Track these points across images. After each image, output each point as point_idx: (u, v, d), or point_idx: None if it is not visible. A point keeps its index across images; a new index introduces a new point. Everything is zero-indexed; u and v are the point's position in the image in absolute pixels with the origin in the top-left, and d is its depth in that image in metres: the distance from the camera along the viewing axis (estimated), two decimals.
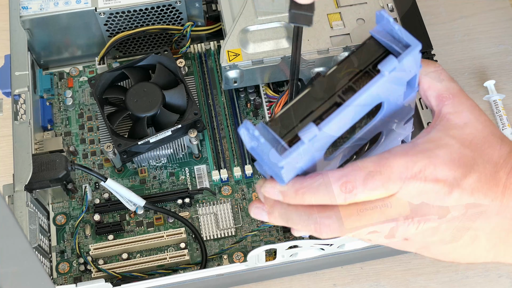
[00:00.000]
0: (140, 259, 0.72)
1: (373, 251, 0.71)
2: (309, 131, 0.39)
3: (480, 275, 0.75)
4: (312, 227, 0.42)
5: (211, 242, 0.75)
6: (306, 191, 0.42)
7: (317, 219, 0.42)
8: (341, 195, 0.41)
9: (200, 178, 0.78)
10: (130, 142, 0.73)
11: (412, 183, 0.41)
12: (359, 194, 0.41)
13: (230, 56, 0.73)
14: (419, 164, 0.41)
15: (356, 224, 0.42)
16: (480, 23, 0.92)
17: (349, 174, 0.41)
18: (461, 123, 0.43)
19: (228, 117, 0.80)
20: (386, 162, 0.41)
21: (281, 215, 0.44)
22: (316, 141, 0.40)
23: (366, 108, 0.42)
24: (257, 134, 0.40)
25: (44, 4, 0.79)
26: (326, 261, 0.72)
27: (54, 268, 0.73)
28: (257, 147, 0.41)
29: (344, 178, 0.41)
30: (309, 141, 0.39)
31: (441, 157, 0.41)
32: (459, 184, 0.41)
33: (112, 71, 0.78)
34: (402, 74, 0.42)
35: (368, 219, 0.42)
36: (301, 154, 0.40)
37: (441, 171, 0.41)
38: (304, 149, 0.40)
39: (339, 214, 0.42)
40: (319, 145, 0.41)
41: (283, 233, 0.75)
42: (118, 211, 0.76)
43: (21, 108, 0.73)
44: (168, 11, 0.81)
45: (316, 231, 0.42)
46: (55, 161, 0.71)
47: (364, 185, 0.41)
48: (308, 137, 0.39)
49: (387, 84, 0.41)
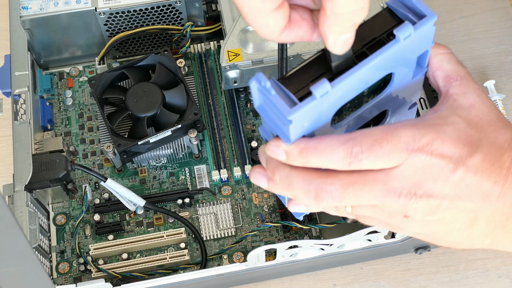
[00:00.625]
0: (140, 259, 0.72)
1: (373, 251, 0.71)
2: (322, 86, 0.39)
3: (480, 275, 0.75)
4: (312, 193, 0.42)
5: (211, 242, 0.75)
6: (311, 151, 0.41)
7: (319, 184, 0.41)
8: (346, 158, 0.40)
9: (200, 178, 0.78)
10: (130, 142, 0.73)
11: (418, 155, 0.41)
12: (364, 160, 0.40)
13: (230, 56, 0.73)
14: (427, 137, 0.41)
15: (358, 193, 0.41)
16: (480, 23, 0.92)
17: (356, 138, 0.41)
18: (468, 105, 0.43)
19: (228, 117, 0.80)
20: (394, 131, 0.41)
21: (282, 179, 0.43)
22: (327, 99, 0.40)
23: (378, 74, 0.42)
24: (268, 86, 0.39)
25: (44, 4, 0.79)
26: (326, 261, 0.72)
27: (54, 268, 0.73)
28: (266, 102, 0.40)
29: (350, 142, 0.40)
30: (321, 97, 0.39)
31: (448, 133, 0.41)
32: (464, 162, 0.41)
33: (112, 71, 0.78)
34: (416, 44, 0.42)
35: (370, 189, 0.41)
36: (311, 110, 0.39)
37: (448, 147, 0.41)
38: (315, 106, 0.39)
39: (341, 181, 0.41)
40: (328, 107, 0.41)
41: (283, 233, 0.75)
42: (118, 211, 0.76)
43: (21, 108, 0.73)
44: (168, 11, 0.81)
45: (317, 198, 0.42)
46: (55, 161, 0.71)
47: (370, 150, 0.40)
48: (320, 92, 0.39)
49: (400, 51, 0.41)
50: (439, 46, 0.46)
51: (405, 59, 0.43)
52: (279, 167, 0.43)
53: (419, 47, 0.43)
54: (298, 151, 0.41)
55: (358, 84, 0.41)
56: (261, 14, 0.38)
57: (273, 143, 0.42)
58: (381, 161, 0.41)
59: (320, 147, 0.41)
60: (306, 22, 0.40)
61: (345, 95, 0.41)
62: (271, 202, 0.76)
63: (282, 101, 0.39)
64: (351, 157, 0.40)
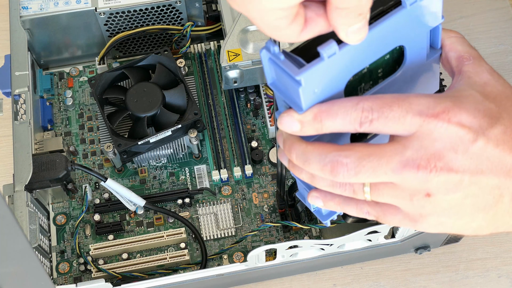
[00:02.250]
0: (140, 259, 0.72)
1: (373, 251, 0.71)
2: (329, 46, 0.38)
3: (480, 275, 0.75)
4: (328, 166, 0.41)
5: (211, 242, 0.75)
6: (325, 115, 0.40)
7: (334, 156, 0.41)
8: (357, 119, 0.40)
9: (200, 178, 0.78)
10: (130, 142, 0.73)
11: (433, 122, 0.39)
12: (374, 121, 0.40)
13: (230, 56, 0.73)
14: (442, 105, 0.39)
15: (375, 165, 0.40)
16: (480, 23, 0.92)
17: (366, 100, 0.40)
18: (481, 82, 0.43)
19: (228, 117, 0.80)
20: (406, 97, 0.40)
21: (298, 156, 0.42)
22: (336, 63, 0.39)
23: (388, 44, 0.42)
24: (277, 50, 0.39)
25: (44, 4, 0.79)
26: (326, 261, 0.72)
27: (54, 268, 0.73)
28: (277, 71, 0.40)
29: (361, 103, 0.40)
30: (328, 58, 0.38)
31: (466, 103, 0.40)
32: (484, 133, 0.39)
33: (112, 71, 0.78)
34: (424, 14, 0.42)
35: (388, 161, 0.40)
36: (320, 73, 0.39)
37: (466, 116, 0.39)
38: (323, 68, 0.39)
39: (357, 153, 0.40)
40: (338, 73, 0.41)
41: (283, 233, 0.75)
42: (118, 211, 0.76)
43: (21, 108, 0.73)
44: (168, 11, 0.81)
45: (332, 171, 0.41)
46: (55, 161, 0.71)
47: (380, 112, 0.39)
48: (327, 52, 0.38)
49: (408, 20, 0.41)
50: (451, 31, 0.46)
51: (414, 31, 0.43)
52: (295, 144, 0.42)
53: (427, 19, 0.43)
54: (311, 117, 0.41)
55: (368, 52, 0.41)
56: (278, 29, 0.38)
57: (285, 114, 0.41)
58: (391, 124, 0.40)
59: (333, 109, 0.40)
60: (322, 18, 0.40)
61: (355, 62, 0.41)
62: (271, 202, 0.76)
63: (290, 64, 0.39)
64: (362, 117, 0.40)
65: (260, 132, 0.81)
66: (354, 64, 0.41)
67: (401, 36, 0.42)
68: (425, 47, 0.45)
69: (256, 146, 0.79)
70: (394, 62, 0.44)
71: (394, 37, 0.42)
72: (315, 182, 0.44)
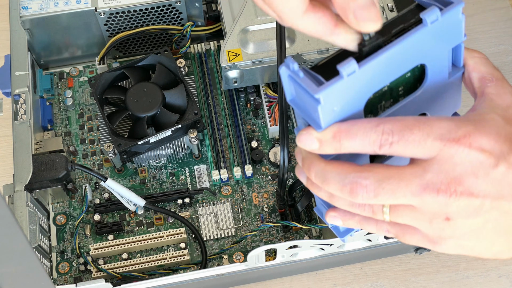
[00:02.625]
0: (140, 259, 0.72)
1: (373, 251, 0.71)
2: (348, 64, 0.38)
3: (480, 275, 0.75)
4: (347, 187, 0.40)
5: (211, 242, 0.75)
6: (344, 135, 0.40)
7: (354, 178, 0.40)
8: (376, 141, 0.39)
9: (200, 178, 0.78)
10: (130, 142, 0.73)
11: (454, 146, 0.39)
12: (394, 144, 0.39)
13: (230, 56, 0.73)
14: (463, 129, 0.39)
15: (394, 188, 0.40)
16: (480, 23, 0.92)
17: (387, 122, 0.40)
18: (504, 105, 0.43)
19: (228, 117, 0.80)
20: (427, 121, 0.39)
21: (317, 175, 0.42)
22: (355, 81, 0.39)
23: (408, 62, 0.41)
24: (296, 67, 0.39)
25: (44, 4, 0.79)
26: (326, 261, 0.72)
27: (54, 268, 0.73)
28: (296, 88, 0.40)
29: (382, 125, 0.39)
30: (348, 76, 0.38)
31: (487, 128, 0.40)
32: (505, 158, 0.39)
33: (112, 71, 0.78)
34: (445, 32, 0.42)
35: (407, 184, 0.39)
36: (339, 91, 0.39)
37: (487, 141, 0.39)
38: (342, 86, 0.39)
39: (377, 175, 0.40)
40: (358, 91, 0.40)
41: (283, 233, 0.75)
42: (118, 211, 0.76)
43: (21, 108, 0.73)
44: (168, 11, 0.81)
45: (352, 192, 0.40)
46: (55, 161, 0.71)
47: (400, 135, 0.39)
48: (347, 71, 0.38)
49: (428, 38, 0.41)
50: (474, 51, 0.46)
51: (435, 49, 0.42)
52: (314, 163, 0.42)
53: (449, 37, 0.42)
54: (331, 136, 0.40)
55: (388, 70, 0.41)
56: None
57: (304, 132, 0.41)
58: (412, 147, 0.39)
59: (352, 130, 0.40)
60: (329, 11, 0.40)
61: (375, 81, 0.41)
62: (271, 202, 0.76)
63: (309, 82, 0.39)
64: (382, 139, 0.39)
65: (260, 132, 0.81)
66: (374, 83, 0.41)
67: (422, 54, 0.42)
68: (447, 65, 0.44)
69: (256, 146, 0.79)
70: (416, 80, 0.44)
71: (415, 55, 0.41)
72: (334, 201, 0.43)
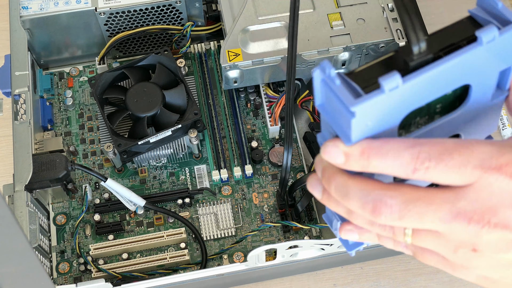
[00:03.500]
0: (140, 259, 0.72)
1: (373, 251, 0.71)
2: (392, 79, 0.35)
3: None
4: (370, 205, 0.37)
5: (211, 242, 0.75)
6: (374, 153, 0.37)
7: (379, 195, 0.37)
8: (410, 164, 0.36)
9: (200, 178, 0.78)
10: (130, 142, 0.73)
11: (494, 175, 0.36)
12: (431, 169, 0.36)
13: (230, 56, 0.73)
14: (506, 156, 0.36)
15: (422, 211, 0.37)
16: None
17: (425, 144, 0.36)
18: None
19: (228, 117, 0.80)
20: (469, 144, 0.36)
21: (337, 188, 0.39)
22: (396, 97, 0.36)
23: (454, 81, 0.38)
24: (333, 74, 0.36)
25: (44, 4, 0.79)
26: (326, 261, 0.72)
27: (54, 268, 0.73)
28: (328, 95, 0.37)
29: (418, 147, 0.36)
30: (390, 91, 0.35)
31: None
32: None
33: (112, 71, 0.78)
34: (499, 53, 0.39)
35: (437, 209, 0.36)
36: (377, 106, 0.36)
37: None
38: (381, 101, 0.35)
39: (405, 195, 0.37)
40: (396, 107, 0.37)
41: (283, 233, 0.75)
42: (118, 211, 0.76)
43: (21, 108, 0.73)
44: (168, 11, 0.81)
45: (374, 211, 0.37)
46: (55, 161, 0.71)
47: (439, 159, 0.36)
48: (389, 85, 0.35)
49: (481, 58, 0.38)
50: None
51: (485, 70, 0.39)
52: (336, 175, 0.39)
53: (502, 59, 0.39)
54: (359, 152, 0.37)
55: (432, 88, 0.38)
56: None
57: (330, 143, 0.38)
58: (450, 174, 0.36)
59: (384, 149, 0.37)
60: None
61: (416, 98, 0.37)
62: (271, 202, 0.76)
63: (346, 91, 0.36)
64: (417, 163, 0.36)
65: (260, 132, 0.81)
66: (415, 100, 0.37)
67: (471, 74, 0.39)
68: (492, 86, 0.41)
69: (256, 146, 0.79)
70: (455, 98, 0.40)
71: (463, 74, 0.38)
72: (352, 218, 0.41)
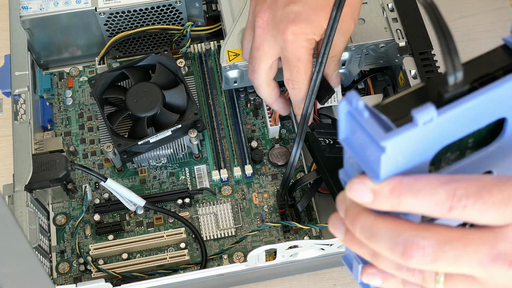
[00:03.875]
0: (140, 259, 0.72)
1: None
2: (426, 111, 0.32)
3: None
4: (400, 247, 0.34)
5: (211, 242, 0.75)
6: (406, 190, 0.34)
7: (410, 236, 0.34)
8: (446, 202, 0.34)
9: (200, 178, 0.78)
10: (130, 142, 0.73)
11: None
12: (468, 207, 0.33)
13: (230, 56, 0.73)
14: None
15: (458, 253, 0.34)
16: (480, 23, 0.92)
17: (461, 181, 0.34)
18: None
19: (228, 117, 0.80)
20: (508, 180, 0.34)
21: (363, 229, 0.36)
22: (430, 131, 0.33)
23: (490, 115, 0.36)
24: (361, 106, 0.33)
25: (44, 4, 0.79)
26: (326, 261, 0.72)
27: (54, 268, 0.73)
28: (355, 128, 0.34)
29: (454, 184, 0.34)
30: (423, 125, 0.32)
31: None
32: None
33: (112, 71, 0.78)
34: None
35: (475, 251, 0.34)
36: (409, 141, 0.33)
37: None
38: (414, 135, 0.33)
39: (439, 236, 0.34)
40: (429, 141, 0.34)
41: (283, 233, 0.75)
42: (118, 211, 0.76)
43: (21, 108, 0.73)
44: (168, 11, 0.81)
45: (405, 254, 0.34)
46: (55, 161, 0.71)
47: (477, 197, 0.33)
48: (423, 118, 0.32)
49: None
50: None
51: None
52: (362, 215, 0.36)
53: None
54: (388, 189, 0.34)
55: (467, 121, 0.35)
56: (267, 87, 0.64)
57: (357, 180, 0.35)
58: (489, 212, 0.34)
59: (416, 186, 0.34)
60: None
61: (450, 132, 0.35)
62: (271, 202, 0.76)
63: (375, 125, 0.33)
64: (453, 200, 0.34)
65: (260, 132, 0.81)
66: (449, 134, 0.35)
67: (507, 106, 0.36)
68: None
69: (256, 146, 0.79)
70: (488, 132, 0.38)
71: (499, 107, 0.36)
72: (377, 261, 0.38)
